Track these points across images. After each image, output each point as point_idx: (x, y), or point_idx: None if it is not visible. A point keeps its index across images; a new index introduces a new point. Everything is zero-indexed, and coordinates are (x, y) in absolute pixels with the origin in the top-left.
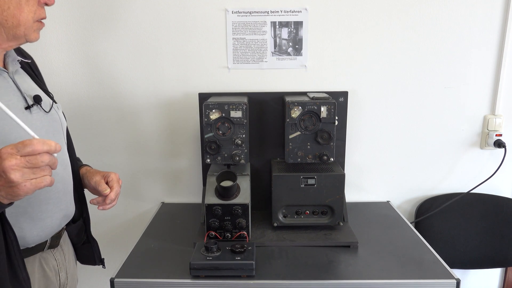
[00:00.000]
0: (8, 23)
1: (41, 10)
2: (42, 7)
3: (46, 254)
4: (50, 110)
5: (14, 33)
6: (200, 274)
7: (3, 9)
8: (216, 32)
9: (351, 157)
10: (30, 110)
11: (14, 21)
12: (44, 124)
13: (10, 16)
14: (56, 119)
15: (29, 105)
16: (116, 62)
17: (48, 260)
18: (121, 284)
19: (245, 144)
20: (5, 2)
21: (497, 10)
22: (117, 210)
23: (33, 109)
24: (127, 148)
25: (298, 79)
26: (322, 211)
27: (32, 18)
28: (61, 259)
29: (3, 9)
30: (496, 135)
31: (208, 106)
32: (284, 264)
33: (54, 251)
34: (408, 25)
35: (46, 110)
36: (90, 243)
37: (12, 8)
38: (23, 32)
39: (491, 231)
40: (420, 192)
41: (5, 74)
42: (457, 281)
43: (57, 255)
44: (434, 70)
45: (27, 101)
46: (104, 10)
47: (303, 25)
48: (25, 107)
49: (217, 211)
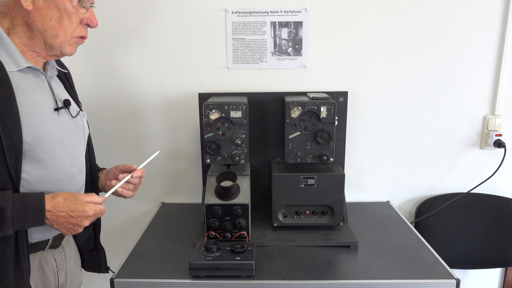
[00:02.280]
0: (47, 33)
1: (82, 29)
2: (84, 27)
3: (46, 253)
4: (76, 116)
5: (51, 43)
6: (200, 274)
7: (44, 20)
8: (216, 32)
9: (351, 157)
10: (58, 112)
11: (53, 32)
12: (69, 127)
13: (50, 27)
14: (80, 125)
15: (58, 107)
16: (116, 63)
17: (48, 259)
18: (121, 284)
19: (245, 144)
20: (48, 14)
21: (497, 10)
22: (117, 210)
23: (61, 111)
24: (127, 148)
25: (298, 79)
26: (322, 211)
27: (71, 34)
28: (61, 260)
29: (45, 19)
30: (496, 135)
31: (208, 106)
32: (284, 264)
33: (55, 252)
34: (408, 25)
35: (73, 115)
36: (98, 250)
37: (54, 21)
38: (59, 44)
39: (491, 231)
40: (420, 192)
41: (43, 76)
42: (457, 281)
43: (57, 256)
44: (434, 70)
45: (57, 103)
46: (104, 10)
47: (303, 25)
48: (54, 108)
49: (217, 211)
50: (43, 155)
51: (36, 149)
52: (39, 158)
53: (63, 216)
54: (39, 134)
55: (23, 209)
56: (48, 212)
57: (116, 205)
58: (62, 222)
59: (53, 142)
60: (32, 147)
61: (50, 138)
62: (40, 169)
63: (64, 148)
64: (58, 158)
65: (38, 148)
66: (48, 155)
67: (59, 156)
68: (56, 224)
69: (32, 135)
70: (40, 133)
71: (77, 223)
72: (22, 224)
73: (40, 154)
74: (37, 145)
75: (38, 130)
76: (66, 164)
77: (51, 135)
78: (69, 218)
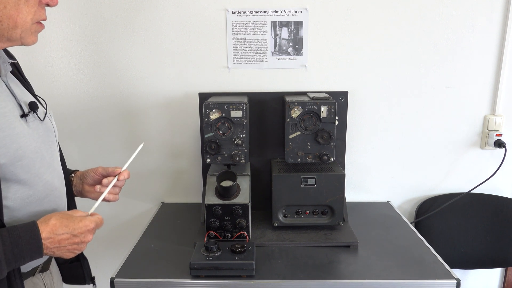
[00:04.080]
0: (4, 24)
1: (41, 11)
2: (42, 8)
3: (36, 279)
4: (44, 118)
5: (10, 35)
6: (200, 274)
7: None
8: (216, 32)
9: (351, 157)
10: (26, 118)
11: (11, 22)
12: (40, 134)
13: (6, 16)
14: (50, 128)
15: (24, 113)
16: (116, 62)
17: (37, 285)
18: (121, 284)
19: (245, 144)
20: (1, 1)
21: (497, 10)
22: (117, 210)
23: (29, 117)
24: (127, 148)
25: (298, 79)
26: (322, 211)
27: (31, 19)
28: (49, 283)
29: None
30: (496, 135)
31: (208, 106)
32: (284, 264)
33: (43, 275)
34: (408, 24)
35: (41, 118)
36: (80, 261)
37: (9, 7)
38: (19, 35)
39: (491, 231)
40: (420, 192)
41: None
42: (457, 281)
43: (46, 279)
44: (434, 70)
45: (22, 108)
46: (104, 10)
47: (303, 25)
48: (20, 115)
49: (217, 211)
50: (23, 175)
51: (14, 169)
52: (19, 180)
53: (66, 238)
54: (14, 151)
55: (16, 245)
56: (47, 239)
57: (116, 205)
58: (65, 245)
59: (30, 156)
60: (9, 169)
61: (25, 152)
62: (22, 191)
63: (41, 160)
64: (38, 173)
65: (16, 168)
66: (28, 174)
67: (38, 170)
68: (58, 249)
69: (6, 154)
70: (15, 149)
71: (81, 241)
72: (17, 263)
73: (20, 175)
74: (14, 165)
75: (12, 146)
76: (48, 178)
77: (26, 149)
78: (72, 239)
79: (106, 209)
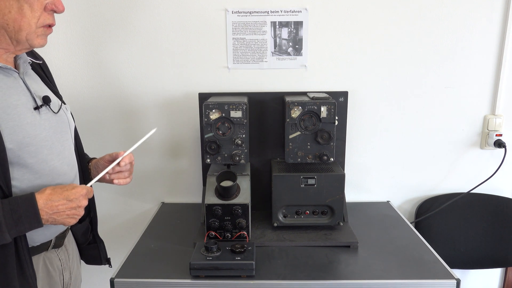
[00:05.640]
0: (10, 27)
1: (47, 16)
2: (49, 13)
3: (50, 253)
4: (59, 111)
5: (17, 37)
6: (200, 274)
7: (4, 13)
8: (216, 32)
9: (351, 157)
10: (39, 110)
11: (16, 26)
12: (52, 125)
13: (11, 20)
14: (64, 120)
15: (38, 106)
16: (116, 63)
17: (52, 259)
18: (121, 284)
19: (245, 144)
20: (6, 6)
21: (497, 10)
22: (117, 210)
23: (41, 109)
24: (127, 148)
25: (298, 79)
26: (322, 211)
27: (35, 24)
28: (65, 259)
29: (4, 12)
30: (496, 135)
31: (208, 106)
32: (284, 264)
33: (58, 251)
34: (408, 25)
35: (55, 111)
36: (97, 243)
37: (14, 12)
38: (25, 37)
39: (491, 231)
40: (420, 192)
41: (16, 74)
42: (457, 281)
43: (61, 255)
44: (434, 70)
45: (36, 101)
46: (104, 10)
47: (303, 25)
48: (34, 108)
49: (217, 211)
50: (29, 159)
51: (21, 154)
52: (26, 163)
53: (62, 204)
54: (22, 138)
55: (15, 211)
56: (44, 207)
57: (116, 205)
58: (63, 210)
59: (38, 143)
60: (16, 153)
61: (34, 140)
62: (29, 173)
63: (51, 148)
64: (46, 159)
65: (23, 153)
66: (35, 158)
67: (46, 157)
68: (58, 215)
69: (14, 141)
70: (22, 137)
71: (77, 205)
72: (18, 228)
73: (27, 159)
74: (22, 150)
75: (20, 134)
76: (56, 164)
77: (34, 137)
78: (68, 204)
79: (106, 209)
